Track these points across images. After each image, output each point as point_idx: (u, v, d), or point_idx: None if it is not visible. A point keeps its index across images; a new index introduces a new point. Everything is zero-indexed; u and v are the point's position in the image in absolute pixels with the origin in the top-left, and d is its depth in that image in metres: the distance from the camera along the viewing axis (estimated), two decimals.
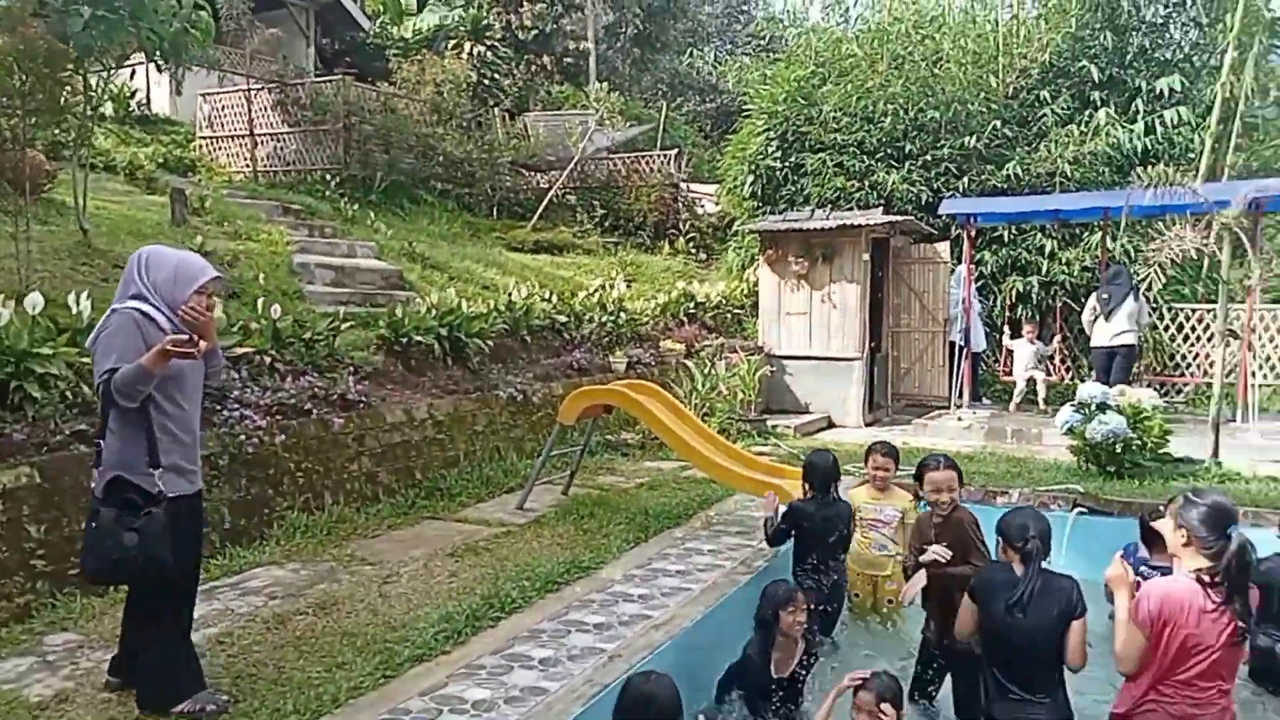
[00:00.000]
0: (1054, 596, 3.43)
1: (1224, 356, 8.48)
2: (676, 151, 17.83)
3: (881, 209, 12.30)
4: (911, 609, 5.13)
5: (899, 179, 12.85)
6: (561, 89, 21.60)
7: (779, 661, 4.24)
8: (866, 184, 13.09)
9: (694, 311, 12.59)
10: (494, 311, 9.12)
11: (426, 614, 4.63)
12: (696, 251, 16.33)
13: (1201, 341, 11.55)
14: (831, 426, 11.01)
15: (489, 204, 16.03)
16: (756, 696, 4.23)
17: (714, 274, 15.23)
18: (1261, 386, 10.81)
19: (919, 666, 4.56)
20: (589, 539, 6.09)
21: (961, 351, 11.43)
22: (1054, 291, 12.28)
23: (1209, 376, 9.94)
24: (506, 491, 7.39)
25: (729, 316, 13.20)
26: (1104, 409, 7.62)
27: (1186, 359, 11.73)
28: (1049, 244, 12.42)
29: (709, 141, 23.53)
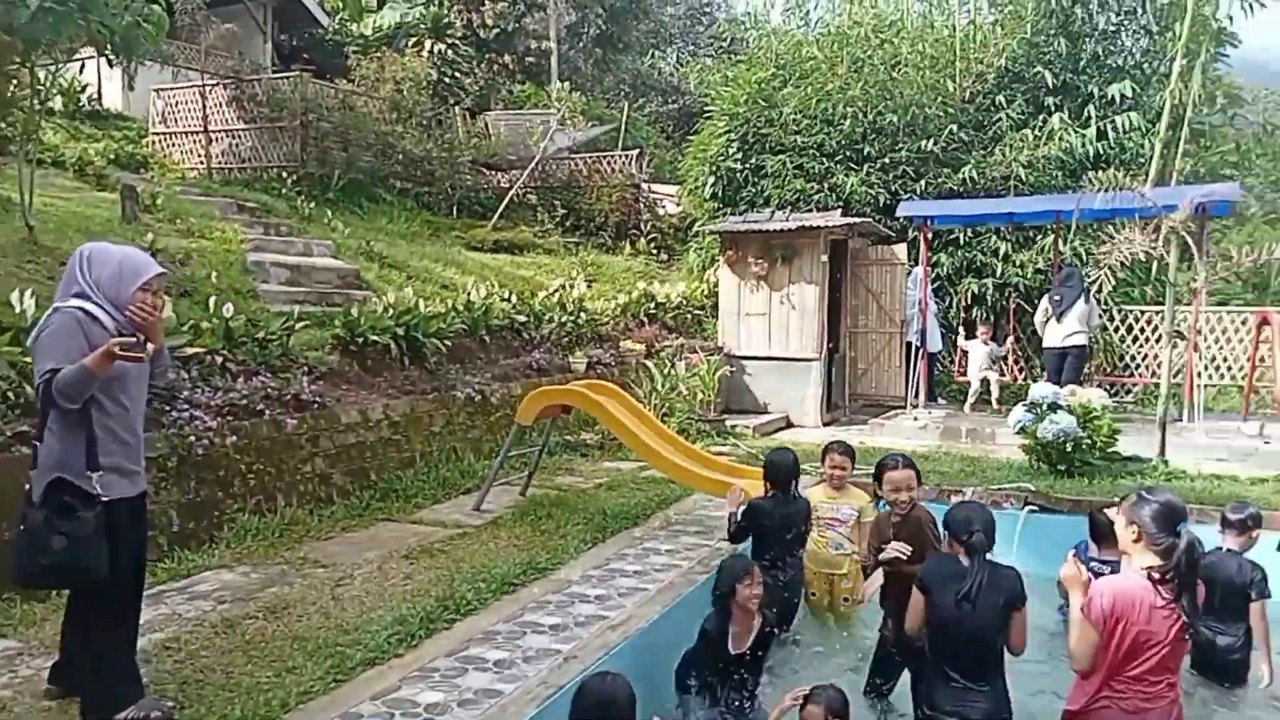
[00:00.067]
0: (999, 587, 3.55)
1: (1170, 357, 8.67)
2: (638, 152, 17.83)
3: (840, 211, 12.40)
4: (868, 607, 5.19)
5: (857, 181, 12.97)
6: (523, 88, 21.52)
7: (736, 637, 4.28)
8: (826, 186, 13.19)
9: (654, 312, 12.60)
10: (452, 311, 9.05)
11: (380, 617, 4.58)
12: (657, 252, 16.34)
13: (1150, 342, 11.80)
14: (790, 426, 11.08)
15: (449, 203, 15.93)
16: (715, 675, 4.25)
17: (675, 274, 15.26)
18: (1207, 387, 11.07)
19: (875, 664, 4.61)
20: (546, 540, 6.07)
21: (918, 352, 11.57)
22: (1008, 293, 12.47)
23: (1157, 377, 10.14)
24: (464, 493, 7.34)
25: (689, 317, 13.23)
26: (1055, 409, 7.75)
27: (1136, 360, 11.98)
28: (1003, 246, 12.61)
29: (671, 142, 23.56)
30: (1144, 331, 11.91)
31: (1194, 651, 4.37)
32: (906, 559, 4.27)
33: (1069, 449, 7.65)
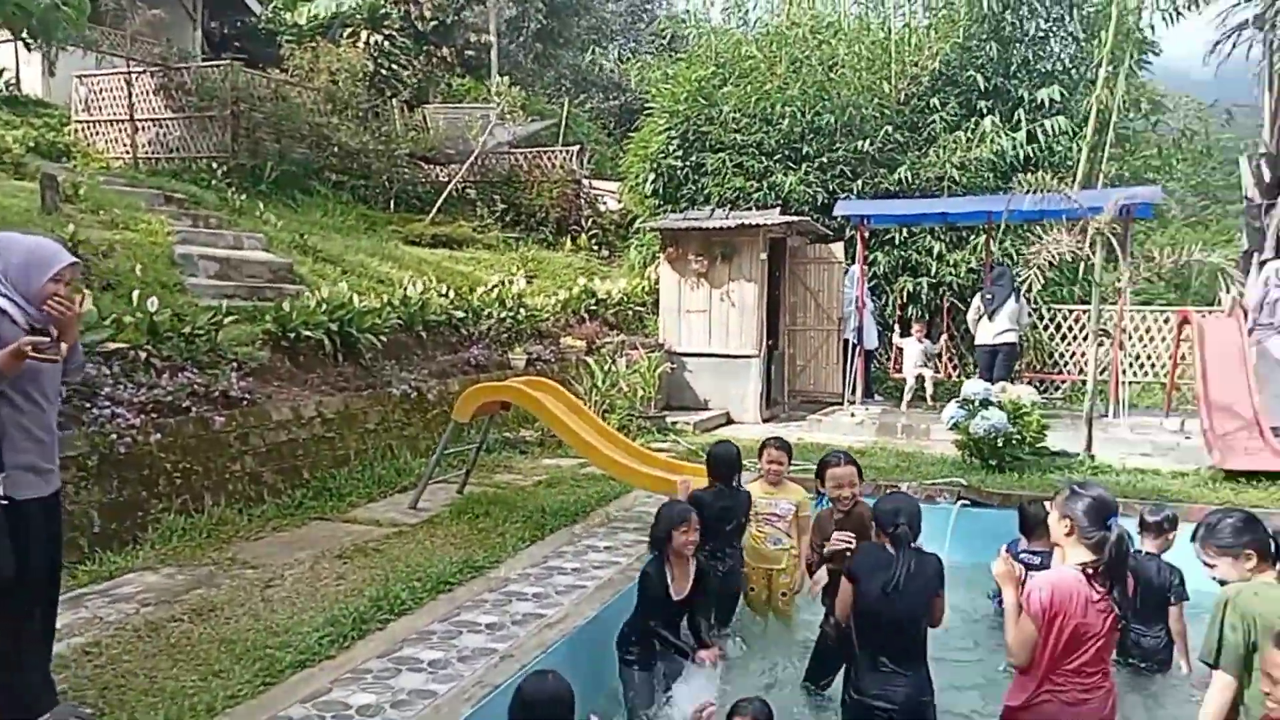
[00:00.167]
0: (923, 575, 3.67)
1: (1096, 355, 8.93)
2: (579, 148, 17.76)
3: (779, 209, 12.52)
4: (807, 602, 5.24)
5: (796, 180, 13.10)
6: (462, 82, 21.27)
7: (675, 582, 4.33)
8: (765, 185, 13.31)
9: (595, 308, 12.55)
10: (388, 306, 8.89)
11: (311, 618, 4.47)
12: (599, 248, 16.31)
13: (1078, 341, 12.15)
14: (730, 423, 11.14)
15: (386, 196, 15.67)
16: (661, 625, 4.30)
17: (616, 271, 15.24)
18: (1131, 384, 11.44)
19: (815, 658, 4.65)
20: (484, 538, 6.00)
21: (854, 349, 11.74)
22: (942, 292, 12.72)
23: (1084, 374, 10.45)
24: (399, 491, 7.22)
25: (630, 314, 13.21)
26: (986, 405, 7.93)
27: (1064, 357, 12.33)
28: (938, 246, 12.87)
29: (612, 139, 23.53)
30: (1072, 330, 12.25)
31: (1120, 653, 4.49)
32: (851, 553, 4.31)
33: (1000, 444, 7.82)
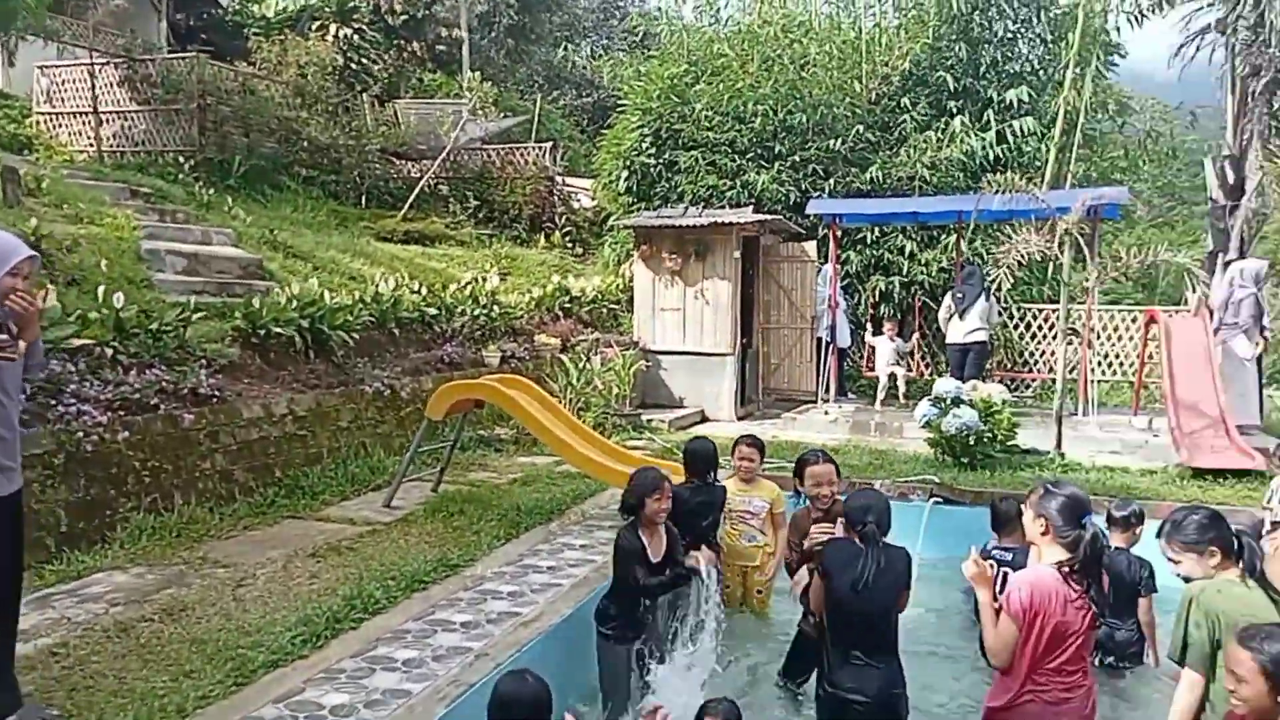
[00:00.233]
0: (893, 570, 3.70)
1: (1065, 354, 9.04)
2: (552, 144, 17.70)
3: (752, 208, 12.54)
4: (782, 599, 5.26)
5: (769, 179, 13.14)
6: (434, 77, 21.13)
7: (651, 548, 4.35)
8: (738, 183, 13.34)
9: (570, 306, 12.52)
10: (360, 303, 8.80)
11: (284, 617, 4.42)
12: (573, 245, 16.27)
13: (1047, 339, 12.30)
14: (705, 420, 11.15)
15: (357, 192, 15.52)
16: (640, 592, 4.30)
17: (590, 268, 15.21)
18: (1100, 382, 11.60)
19: (791, 657, 4.67)
20: (459, 536, 5.97)
21: (828, 348, 11.79)
22: (914, 291, 12.82)
23: (1054, 373, 10.57)
24: (373, 489, 7.16)
25: (605, 311, 13.19)
26: (958, 403, 7.99)
27: (1034, 356, 12.47)
28: (909, 245, 12.96)
29: (585, 136, 23.48)
30: (1041, 329, 12.40)
31: (1094, 648, 4.54)
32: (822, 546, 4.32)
33: (971, 442, 7.89)
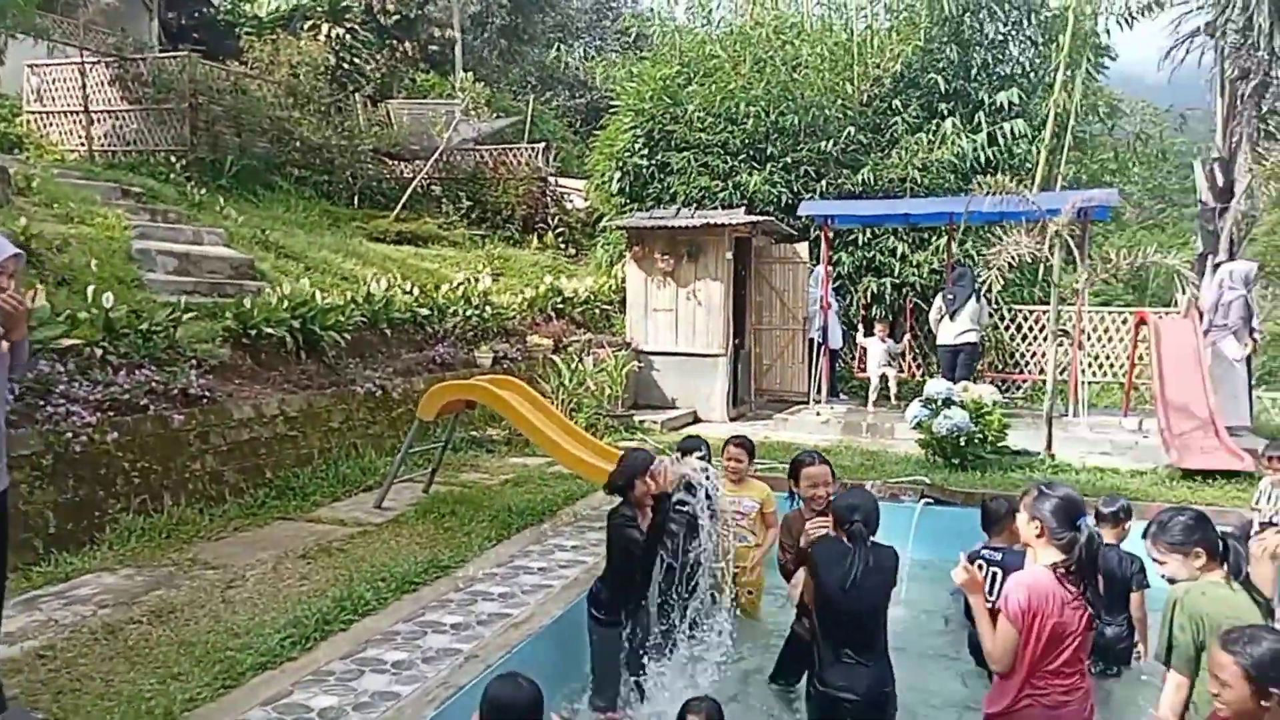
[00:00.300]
0: (881, 569, 3.71)
1: (1056, 355, 9.07)
2: (545, 145, 17.68)
3: (744, 209, 12.56)
4: (771, 599, 5.27)
5: (760, 180, 13.16)
6: (426, 77, 21.09)
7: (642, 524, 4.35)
8: (730, 184, 13.35)
9: (562, 307, 12.50)
10: (352, 304, 8.78)
11: (273, 619, 4.41)
12: (566, 246, 16.25)
13: (1038, 341, 12.33)
14: (697, 421, 11.16)
15: (349, 192, 15.49)
16: (640, 544, 4.28)
17: (583, 269, 15.20)
18: (1090, 383, 11.63)
19: (784, 658, 4.67)
20: (450, 537, 5.96)
21: (820, 349, 11.81)
22: (905, 292, 12.85)
23: (1044, 374, 10.61)
24: (364, 490, 7.15)
25: (597, 312, 13.18)
26: (949, 404, 8.01)
27: (1024, 357, 12.50)
28: (900, 247, 12.99)
29: (578, 137, 23.46)
30: (1032, 330, 12.43)
31: None
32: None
33: (962, 443, 7.91)
